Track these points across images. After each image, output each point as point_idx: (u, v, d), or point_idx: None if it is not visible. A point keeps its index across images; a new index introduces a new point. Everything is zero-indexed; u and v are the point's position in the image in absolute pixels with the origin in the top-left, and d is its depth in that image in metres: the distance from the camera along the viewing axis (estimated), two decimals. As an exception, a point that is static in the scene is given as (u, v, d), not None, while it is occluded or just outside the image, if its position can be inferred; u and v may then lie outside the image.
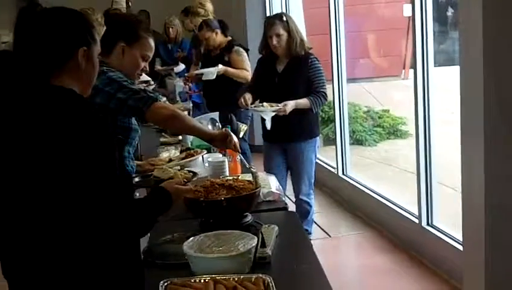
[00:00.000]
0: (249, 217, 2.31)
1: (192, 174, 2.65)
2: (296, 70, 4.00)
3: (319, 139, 4.23)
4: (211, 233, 1.99)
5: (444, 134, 4.98)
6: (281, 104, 3.85)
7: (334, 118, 5.79)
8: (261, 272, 1.76)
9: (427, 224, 4.12)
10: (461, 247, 3.41)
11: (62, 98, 1.57)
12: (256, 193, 2.34)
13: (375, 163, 7.20)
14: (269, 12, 7.26)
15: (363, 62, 9.96)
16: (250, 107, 3.95)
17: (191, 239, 1.94)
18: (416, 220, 4.21)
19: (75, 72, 1.64)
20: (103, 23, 4.32)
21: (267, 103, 3.91)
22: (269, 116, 3.88)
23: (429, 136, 4.02)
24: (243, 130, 3.68)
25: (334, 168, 5.82)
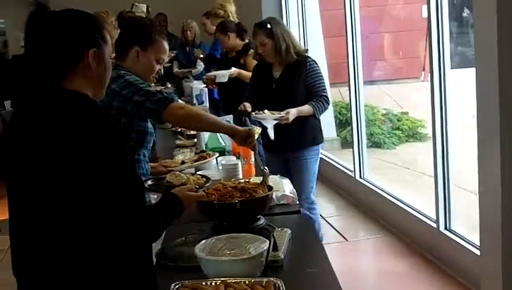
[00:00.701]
0: (262, 220, 2.32)
1: (205, 180, 2.65)
2: (293, 75, 3.87)
3: (321, 147, 4.08)
4: (222, 236, 2.00)
5: (465, 137, 4.94)
6: (283, 112, 3.72)
7: (351, 120, 5.77)
8: (273, 275, 1.77)
9: (445, 228, 4.09)
10: (479, 252, 3.39)
11: (74, 104, 1.59)
12: (270, 195, 2.35)
13: (394, 166, 7.16)
14: (285, 15, 7.28)
15: (382, 64, 9.94)
16: (252, 114, 3.77)
17: (202, 242, 1.95)
18: (434, 225, 4.18)
19: (86, 74, 1.65)
20: (117, 26, 4.37)
21: (268, 110, 3.77)
22: (271, 124, 3.76)
23: (447, 139, 3.99)
24: (257, 132, 3.64)
25: (352, 172, 5.80)
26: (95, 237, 1.54)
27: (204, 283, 1.70)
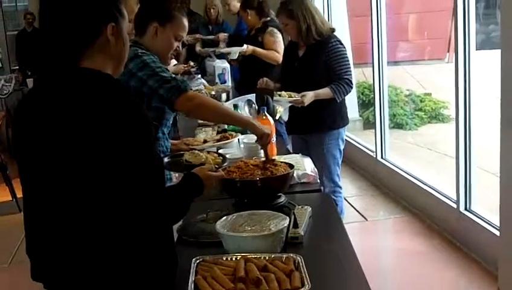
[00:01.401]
0: (283, 198, 2.33)
1: (222, 159, 2.65)
2: (315, 56, 3.79)
3: (343, 131, 3.97)
4: (244, 213, 2.02)
5: (487, 119, 4.90)
6: (298, 95, 3.66)
7: (374, 101, 5.75)
8: (293, 252, 1.78)
9: (465, 209, 4.08)
10: (498, 233, 3.38)
11: (96, 82, 1.53)
12: (290, 173, 2.36)
13: (415, 147, 7.13)
14: (310, -6, 7.20)
15: (406, 45, 9.81)
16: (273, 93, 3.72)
17: (224, 218, 1.97)
18: (455, 205, 4.17)
19: (105, 50, 1.58)
20: (137, 1, 4.36)
21: (286, 92, 3.71)
22: (285, 106, 3.71)
23: (469, 120, 3.96)
24: (279, 112, 3.62)
25: (373, 152, 5.79)
26: (116, 219, 1.51)
27: (225, 258, 1.72)
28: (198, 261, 1.70)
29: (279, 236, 1.87)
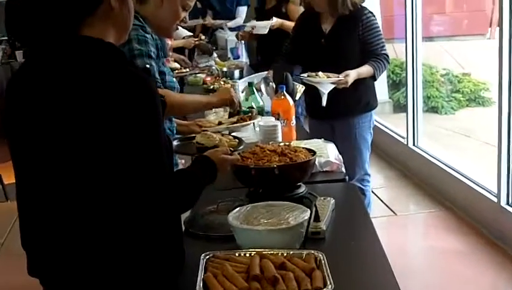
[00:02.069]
0: (303, 188, 2.32)
1: (238, 142, 2.63)
2: (347, 30, 3.70)
3: (374, 113, 3.95)
4: (259, 204, 2.01)
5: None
6: (341, 75, 3.57)
7: (406, 81, 5.73)
8: (314, 248, 1.77)
9: (507, 203, 4.07)
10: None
11: (99, 53, 1.52)
12: (312, 161, 2.35)
13: (452, 134, 7.11)
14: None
15: (442, 18, 9.73)
16: (303, 76, 3.62)
17: (237, 210, 1.96)
18: (495, 199, 4.16)
19: (108, 17, 1.57)
20: None
21: (323, 73, 3.59)
22: (327, 89, 3.58)
23: (514, 104, 3.93)
24: (299, 91, 3.57)
25: (404, 138, 5.78)
26: (120, 206, 1.51)
27: (237, 254, 1.72)
28: (207, 257, 1.70)
29: (299, 230, 1.86)
